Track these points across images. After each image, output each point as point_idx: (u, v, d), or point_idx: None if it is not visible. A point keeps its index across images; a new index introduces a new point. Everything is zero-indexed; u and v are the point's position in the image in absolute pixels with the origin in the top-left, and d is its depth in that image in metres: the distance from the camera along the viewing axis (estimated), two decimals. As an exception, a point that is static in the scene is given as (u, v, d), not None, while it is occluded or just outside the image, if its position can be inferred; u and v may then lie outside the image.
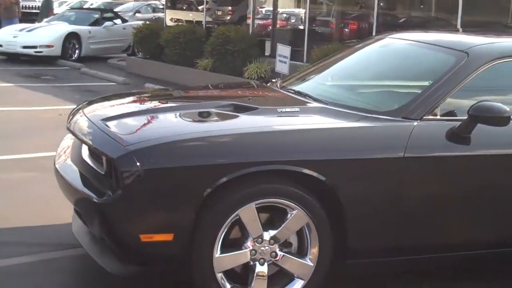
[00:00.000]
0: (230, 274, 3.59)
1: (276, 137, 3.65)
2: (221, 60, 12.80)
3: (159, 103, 4.46)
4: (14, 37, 16.39)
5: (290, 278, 3.67)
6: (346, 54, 5.00)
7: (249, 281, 3.59)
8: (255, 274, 3.57)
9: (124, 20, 18.89)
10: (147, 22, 16.39)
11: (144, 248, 3.40)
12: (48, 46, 16.30)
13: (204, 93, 4.83)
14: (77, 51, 16.93)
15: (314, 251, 3.65)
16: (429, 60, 4.31)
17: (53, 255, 4.21)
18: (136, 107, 4.28)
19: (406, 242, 3.86)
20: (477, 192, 3.91)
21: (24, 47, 16.17)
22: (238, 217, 3.47)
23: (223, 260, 3.50)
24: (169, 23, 16.66)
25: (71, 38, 16.77)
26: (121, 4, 26.31)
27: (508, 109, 3.76)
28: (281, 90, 4.59)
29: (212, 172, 3.40)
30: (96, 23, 17.78)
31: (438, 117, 3.88)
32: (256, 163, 3.46)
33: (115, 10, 21.89)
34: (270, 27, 14.70)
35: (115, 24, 18.16)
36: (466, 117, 3.78)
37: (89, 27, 17.40)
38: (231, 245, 3.56)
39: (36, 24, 18.15)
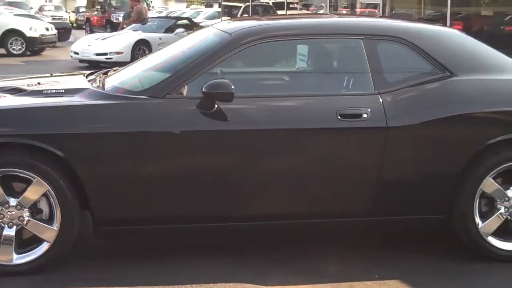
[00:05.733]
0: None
1: (15, 113, 4.08)
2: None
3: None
4: (89, 45, 17.74)
5: (41, 241, 4.09)
6: (174, 44, 5.22)
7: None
8: (2, 236, 4.04)
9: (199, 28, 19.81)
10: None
11: None
12: (118, 53, 17.47)
13: (24, 80, 5.19)
14: (147, 57, 18.04)
15: (58, 216, 4.04)
16: (208, 43, 4.49)
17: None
18: None
19: (150, 213, 4.11)
20: (214, 168, 4.09)
21: (97, 54, 17.44)
22: (-20, 185, 3.96)
23: (-31, 221, 4.00)
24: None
25: (141, 45, 17.89)
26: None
27: (233, 86, 3.95)
28: (85, 78, 4.85)
29: None
30: (169, 30, 18.83)
31: (184, 95, 4.13)
32: None
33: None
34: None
35: (187, 31, 19.08)
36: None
37: (161, 34, 18.43)
38: (-14, 209, 4.05)
39: (112, 33, 19.52)
